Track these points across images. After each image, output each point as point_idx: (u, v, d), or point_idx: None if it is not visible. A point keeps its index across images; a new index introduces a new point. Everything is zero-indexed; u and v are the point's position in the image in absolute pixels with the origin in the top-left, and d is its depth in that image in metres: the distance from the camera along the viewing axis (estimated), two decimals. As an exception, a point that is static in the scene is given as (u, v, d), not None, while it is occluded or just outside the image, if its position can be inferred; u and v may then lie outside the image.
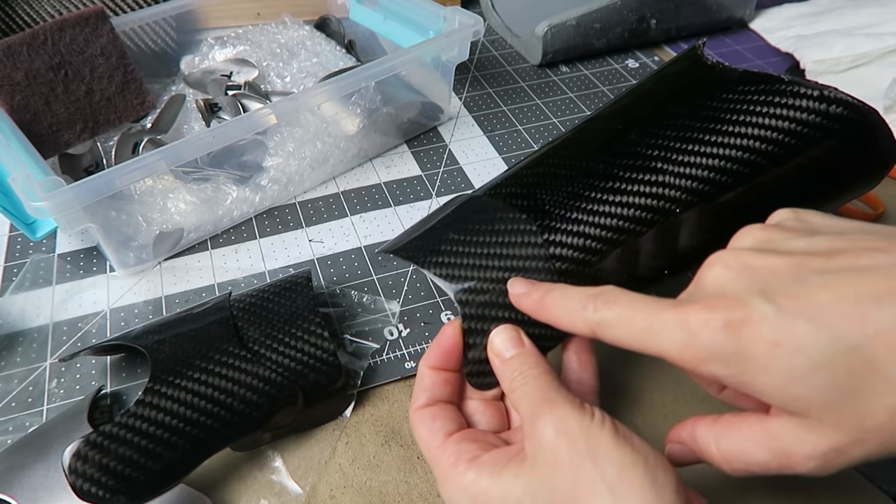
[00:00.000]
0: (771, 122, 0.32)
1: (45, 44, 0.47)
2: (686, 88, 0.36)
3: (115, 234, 0.44)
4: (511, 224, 0.34)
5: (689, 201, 0.32)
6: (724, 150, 0.32)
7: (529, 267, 0.32)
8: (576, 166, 0.36)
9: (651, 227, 0.33)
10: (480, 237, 0.33)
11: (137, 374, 0.39)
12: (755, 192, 0.33)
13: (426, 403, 0.31)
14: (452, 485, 0.28)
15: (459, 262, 0.33)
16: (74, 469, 0.29)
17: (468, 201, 0.37)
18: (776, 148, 0.32)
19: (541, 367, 0.29)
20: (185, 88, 0.56)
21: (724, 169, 0.32)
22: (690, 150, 0.33)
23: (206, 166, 0.46)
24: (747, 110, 0.33)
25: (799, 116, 0.32)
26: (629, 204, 0.33)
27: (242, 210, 0.49)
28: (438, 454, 0.29)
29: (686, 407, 0.39)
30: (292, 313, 0.36)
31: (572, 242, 0.32)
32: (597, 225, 0.33)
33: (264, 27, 0.61)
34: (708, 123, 0.33)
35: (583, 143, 0.37)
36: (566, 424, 0.26)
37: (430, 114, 0.59)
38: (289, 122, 0.49)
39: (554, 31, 0.66)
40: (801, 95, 0.32)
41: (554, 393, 0.27)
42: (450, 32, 0.52)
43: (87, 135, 0.50)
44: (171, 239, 0.46)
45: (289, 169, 0.50)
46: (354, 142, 0.53)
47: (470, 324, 0.32)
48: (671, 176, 0.33)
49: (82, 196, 0.38)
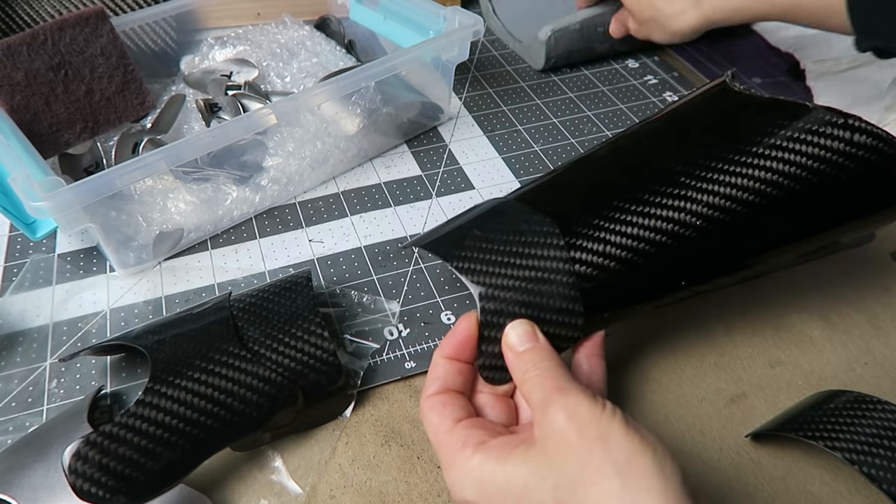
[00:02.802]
0: (797, 147, 0.33)
1: (45, 44, 0.47)
2: (714, 113, 0.37)
3: (115, 234, 0.44)
4: (535, 226, 0.34)
5: (714, 221, 0.33)
6: (749, 174, 0.33)
7: (550, 267, 0.33)
8: (602, 180, 0.37)
9: (671, 245, 0.33)
10: (504, 236, 0.34)
11: (137, 374, 0.39)
12: (777, 219, 0.33)
13: (438, 391, 0.32)
14: (459, 468, 0.28)
15: (483, 257, 0.34)
16: (74, 469, 0.29)
17: (497, 205, 0.37)
18: (802, 173, 0.32)
19: (553, 360, 0.30)
20: (185, 88, 0.56)
21: (751, 192, 0.33)
22: (715, 171, 0.33)
23: (206, 166, 0.46)
24: (774, 135, 0.33)
25: (825, 143, 0.32)
26: (655, 217, 0.33)
27: (242, 210, 0.49)
28: (446, 439, 0.29)
29: (686, 408, 0.39)
30: (292, 313, 0.36)
31: (592, 247, 0.33)
32: (617, 233, 0.33)
33: (264, 27, 0.61)
34: (735, 147, 0.33)
35: (610, 159, 0.38)
36: (578, 410, 0.26)
37: (430, 114, 0.59)
38: (289, 122, 0.49)
39: (557, 35, 0.64)
40: (827, 123, 0.32)
41: (566, 382, 0.28)
42: (449, 32, 0.52)
43: (87, 135, 0.50)
44: (171, 239, 0.46)
45: (289, 169, 0.50)
46: (354, 142, 0.53)
47: (487, 317, 0.32)
48: (694, 193, 0.33)
49: (82, 196, 0.38)
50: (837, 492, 0.35)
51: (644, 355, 0.41)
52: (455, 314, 0.43)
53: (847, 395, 0.36)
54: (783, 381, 0.40)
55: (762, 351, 0.42)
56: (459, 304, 0.44)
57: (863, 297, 0.45)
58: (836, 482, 0.35)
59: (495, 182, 0.54)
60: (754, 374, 0.41)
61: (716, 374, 0.41)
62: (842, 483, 0.35)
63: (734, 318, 0.44)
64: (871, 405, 0.35)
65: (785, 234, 0.34)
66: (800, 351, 0.42)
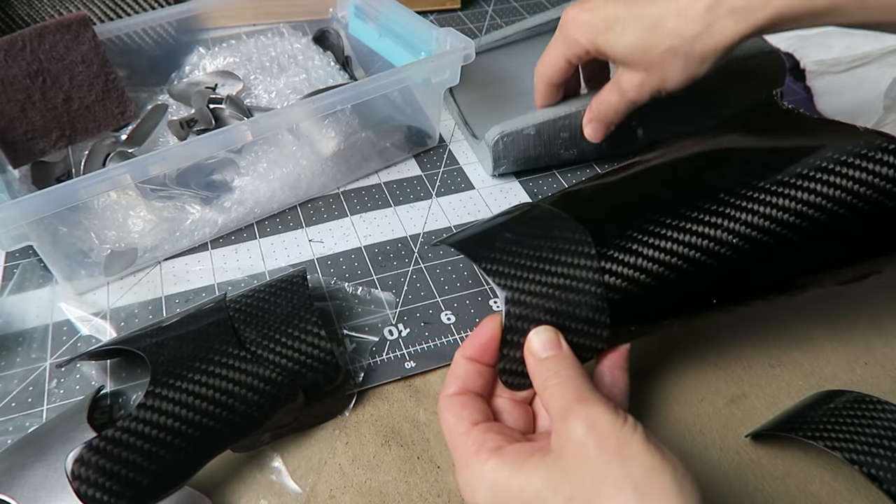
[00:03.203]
0: (844, 171, 0.32)
1: (24, 50, 0.46)
2: (760, 132, 0.36)
3: (64, 251, 0.42)
4: (567, 233, 0.34)
5: (753, 241, 0.32)
6: (793, 195, 0.32)
7: (579, 276, 0.32)
8: (639, 190, 0.36)
9: (706, 262, 0.32)
10: (535, 241, 0.34)
11: (137, 375, 0.39)
12: (820, 243, 0.33)
13: (457, 392, 0.31)
14: (472, 472, 0.28)
15: (512, 261, 0.33)
16: (78, 475, 0.29)
17: (529, 209, 0.37)
18: (848, 198, 0.32)
19: (576, 370, 0.29)
20: (170, 100, 0.54)
21: (794, 213, 0.32)
22: (761, 191, 0.33)
23: (172, 184, 0.44)
24: (821, 156, 0.32)
25: (873, 168, 0.32)
26: (691, 233, 0.32)
27: (203, 232, 0.47)
28: (462, 440, 0.29)
29: (686, 408, 0.39)
30: (289, 313, 0.36)
31: (625, 259, 0.32)
32: (653, 247, 0.32)
33: (259, 38, 0.59)
34: (781, 168, 0.33)
35: (650, 171, 0.38)
36: (598, 422, 0.25)
37: (415, 139, 0.56)
38: (265, 140, 0.48)
39: (507, 140, 0.50)
40: (876, 148, 0.32)
41: (588, 393, 0.27)
42: (437, 56, 0.50)
43: (63, 143, 0.49)
44: (123, 259, 0.44)
45: (257, 191, 0.48)
46: (329, 165, 0.51)
47: (511, 322, 0.32)
48: (738, 211, 0.32)
49: (28, 211, 0.36)
50: (837, 492, 0.35)
51: (643, 355, 0.41)
52: (455, 314, 0.43)
53: (847, 395, 0.36)
54: (783, 381, 0.40)
55: (762, 351, 0.42)
56: (459, 305, 0.44)
57: (863, 297, 0.45)
58: (836, 482, 0.35)
59: (495, 182, 0.54)
60: (754, 374, 0.41)
61: (716, 374, 0.41)
62: (842, 483, 0.35)
63: (734, 317, 0.44)
64: (871, 405, 0.35)
65: (826, 260, 0.34)
66: (800, 351, 0.42)
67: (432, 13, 0.78)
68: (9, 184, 0.46)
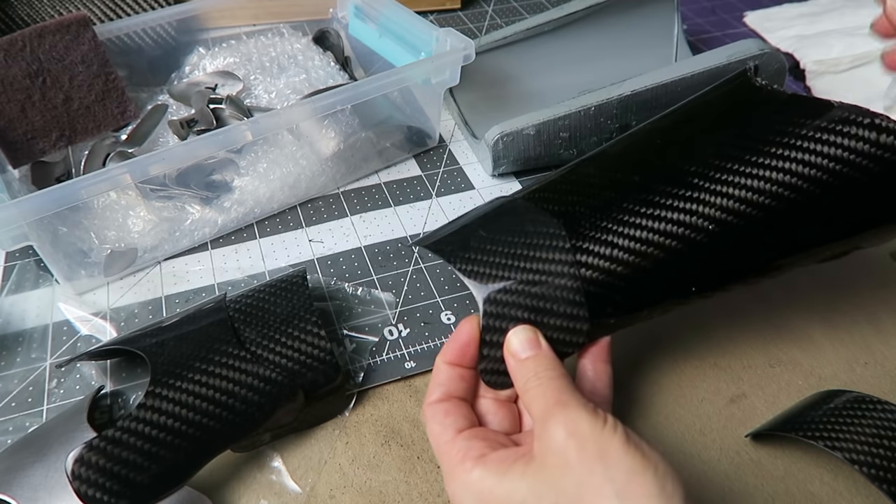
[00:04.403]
0: (818, 147, 0.31)
1: (24, 50, 0.46)
2: (732, 109, 0.35)
3: (64, 250, 0.42)
4: (541, 227, 0.33)
5: (728, 224, 0.31)
6: (767, 176, 0.31)
7: (554, 271, 0.32)
8: (611, 178, 0.35)
9: (681, 249, 0.32)
10: (509, 237, 0.33)
11: (137, 375, 0.39)
12: (796, 223, 0.32)
13: (440, 398, 0.31)
14: (458, 481, 0.28)
15: (487, 259, 0.33)
16: (78, 475, 0.29)
17: (503, 203, 0.36)
18: (823, 175, 0.31)
19: (556, 370, 0.29)
20: (170, 100, 0.54)
21: (766, 193, 0.31)
22: (732, 171, 0.32)
23: (172, 184, 0.44)
24: (794, 134, 0.31)
25: (848, 144, 0.31)
26: (665, 220, 0.32)
27: (203, 232, 0.47)
28: (447, 449, 0.29)
29: (686, 408, 0.39)
30: (288, 313, 0.36)
31: (599, 251, 0.32)
32: (626, 236, 0.32)
33: (259, 38, 0.59)
34: (752, 145, 0.32)
35: (621, 155, 0.37)
36: (578, 427, 0.26)
37: (415, 139, 0.56)
38: (265, 140, 0.48)
39: (507, 139, 0.51)
40: (851, 122, 0.31)
41: (568, 395, 0.27)
42: (437, 56, 0.49)
43: (63, 143, 0.49)
44: (123, 259, 0.44)
45: (257, 191, 0.48)
46: (329, 165, 0.51)
47: (489, 321, 0.32)
48: (709, 194, 0.32)
49: (28, 211, 0.36)
50: (837, 492, 0.35)
51: (643, 355, 0.41)
52: (455, 314, 0.43)
53: (847, 395, 0.36)
54: (783, 381, 0.40)
55: (762, 351, 0.42)
56: (459, 304, 0.44)
57: (863, 297, 0.45)
58: (836, 482, 0.35)
59: (495, 182, 0.54)
60: (754, 374, 0.41)
61: (716, 374, 0.41)
62: (842, 483, 0.35)
63: (734, 317, 0.44)
64: (871, 405, 0.35)
65: (803, 240, 0.33)
66: (800, 351, 0.42)
67: (432, 13, 0.78)
68: (9, 184, 0.46)
